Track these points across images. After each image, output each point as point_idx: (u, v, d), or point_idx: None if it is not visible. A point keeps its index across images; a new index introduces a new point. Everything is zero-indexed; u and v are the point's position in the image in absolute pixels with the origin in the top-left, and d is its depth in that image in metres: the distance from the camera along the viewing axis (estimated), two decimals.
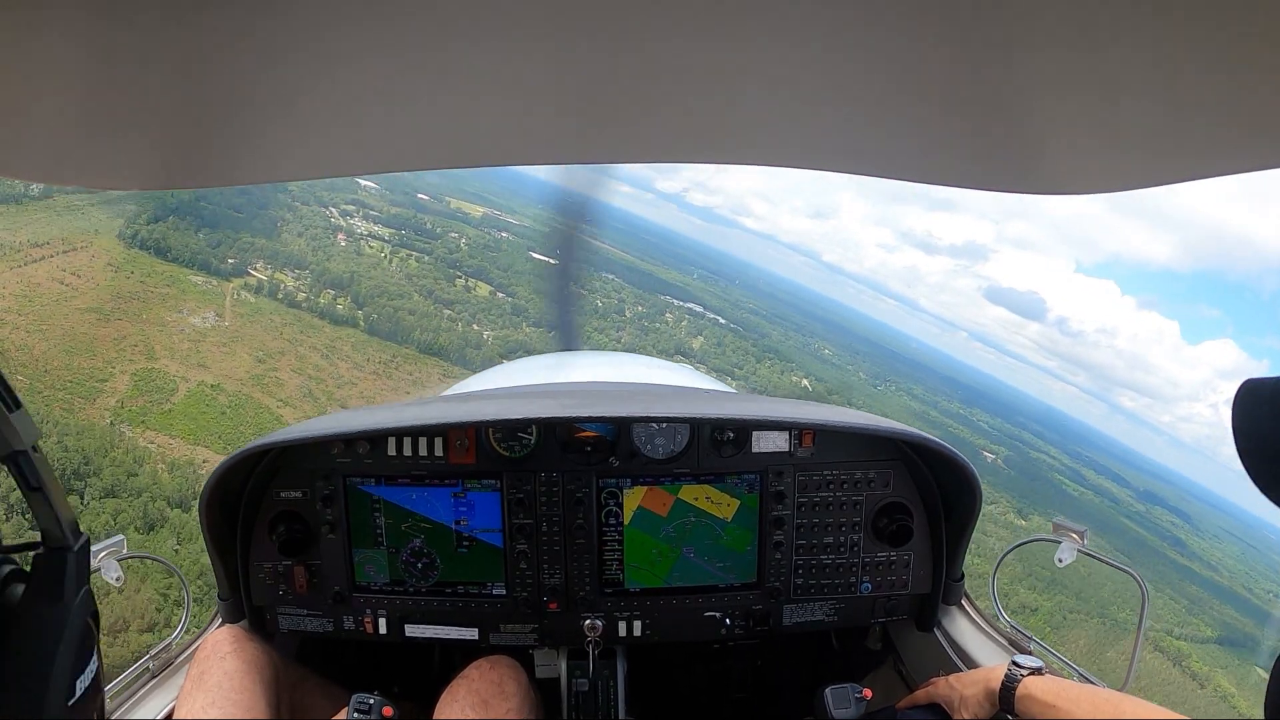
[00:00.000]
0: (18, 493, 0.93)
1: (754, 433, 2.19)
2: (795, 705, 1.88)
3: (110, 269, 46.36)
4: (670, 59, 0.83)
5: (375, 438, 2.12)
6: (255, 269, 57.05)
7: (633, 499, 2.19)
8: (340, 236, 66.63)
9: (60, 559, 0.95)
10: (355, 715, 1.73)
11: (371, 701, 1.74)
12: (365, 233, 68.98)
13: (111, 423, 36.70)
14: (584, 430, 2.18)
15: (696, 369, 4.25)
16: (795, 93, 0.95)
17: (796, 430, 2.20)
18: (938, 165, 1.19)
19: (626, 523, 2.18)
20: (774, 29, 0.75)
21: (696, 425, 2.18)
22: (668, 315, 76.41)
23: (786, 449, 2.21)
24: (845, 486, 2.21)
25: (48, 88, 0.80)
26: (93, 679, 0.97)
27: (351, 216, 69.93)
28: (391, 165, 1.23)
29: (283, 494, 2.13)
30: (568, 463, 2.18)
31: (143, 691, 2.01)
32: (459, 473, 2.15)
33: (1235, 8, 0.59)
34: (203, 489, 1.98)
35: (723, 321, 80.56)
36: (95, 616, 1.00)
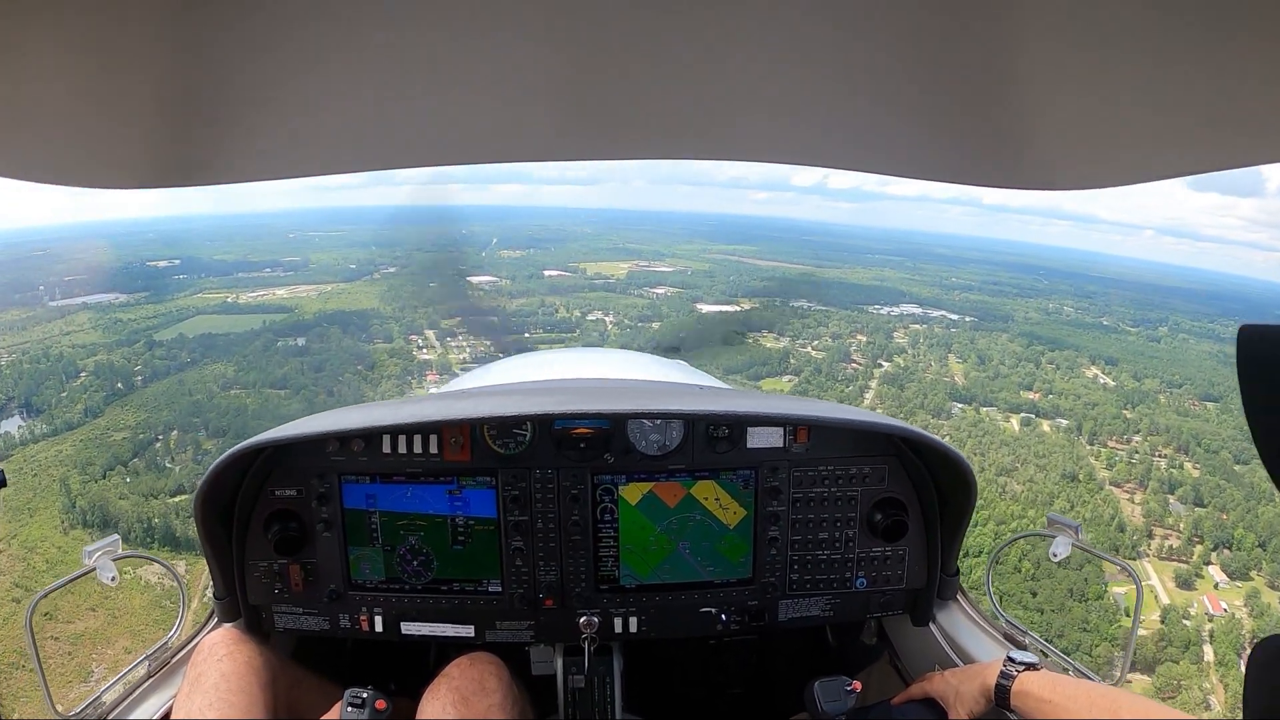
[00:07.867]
0: None
1: (749, 429, 2.20)
2: (791, 700, 1.89)
3: (9, 604, 21.58)
4: (671, 58, 0.84)
5: (370, 436, 2.11)
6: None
7: (631, 494, 2.19)
8: (431, 376, 44.11)
9: None
10: (349, 710, 1.72)
11: (365, 696, 1.74)
12: (470, 357, 46.39)
13: None
14: (579, 427, 2.18)
15: (691, 365, 4.21)
16: (795, 91, 0.95)
17: (791, 426, 2.20)
18: (937, 162, 1.20)
19: (634, 503, 2.19)
20: (774, 29, 0.76)
21: (691, 421, 2.18)
22: (897, 335, 56.49)
23: (781, 445, 2.21)
24: (840, 482, 2.22)
25: (48, 88, 0.81)
26: None
27: (453, 336, 49.26)
28: (389, 163, 1.22)
29: (278, 492, 2.12)
30: (563, 459, 2.17)
31: (139, 691, 2.00)
32: (454, 470, 2.14)
33: (1228, 10, 0.60)
34: (198, 488, 1.96)
35: (953, 317, 62.25)
36: None
